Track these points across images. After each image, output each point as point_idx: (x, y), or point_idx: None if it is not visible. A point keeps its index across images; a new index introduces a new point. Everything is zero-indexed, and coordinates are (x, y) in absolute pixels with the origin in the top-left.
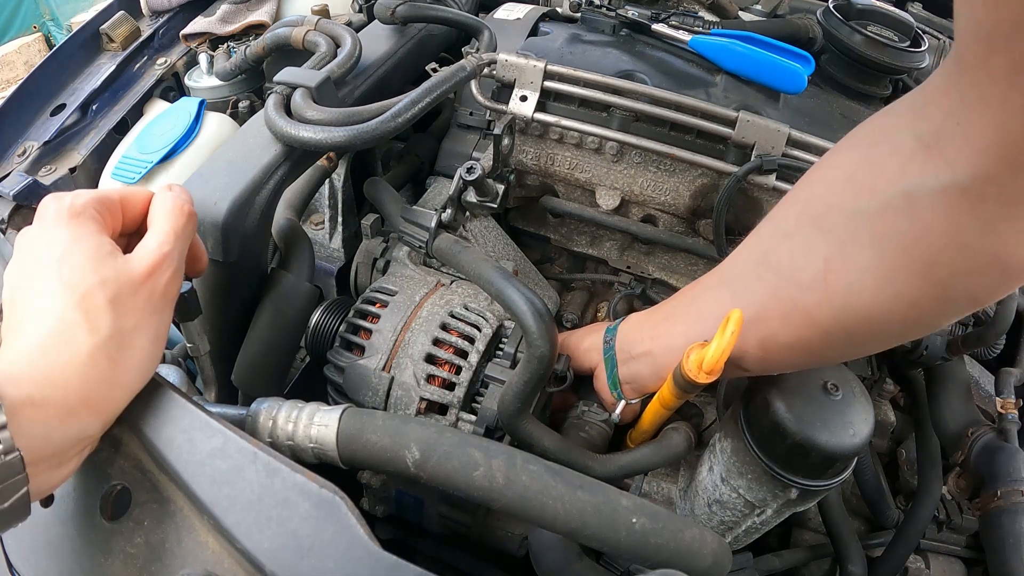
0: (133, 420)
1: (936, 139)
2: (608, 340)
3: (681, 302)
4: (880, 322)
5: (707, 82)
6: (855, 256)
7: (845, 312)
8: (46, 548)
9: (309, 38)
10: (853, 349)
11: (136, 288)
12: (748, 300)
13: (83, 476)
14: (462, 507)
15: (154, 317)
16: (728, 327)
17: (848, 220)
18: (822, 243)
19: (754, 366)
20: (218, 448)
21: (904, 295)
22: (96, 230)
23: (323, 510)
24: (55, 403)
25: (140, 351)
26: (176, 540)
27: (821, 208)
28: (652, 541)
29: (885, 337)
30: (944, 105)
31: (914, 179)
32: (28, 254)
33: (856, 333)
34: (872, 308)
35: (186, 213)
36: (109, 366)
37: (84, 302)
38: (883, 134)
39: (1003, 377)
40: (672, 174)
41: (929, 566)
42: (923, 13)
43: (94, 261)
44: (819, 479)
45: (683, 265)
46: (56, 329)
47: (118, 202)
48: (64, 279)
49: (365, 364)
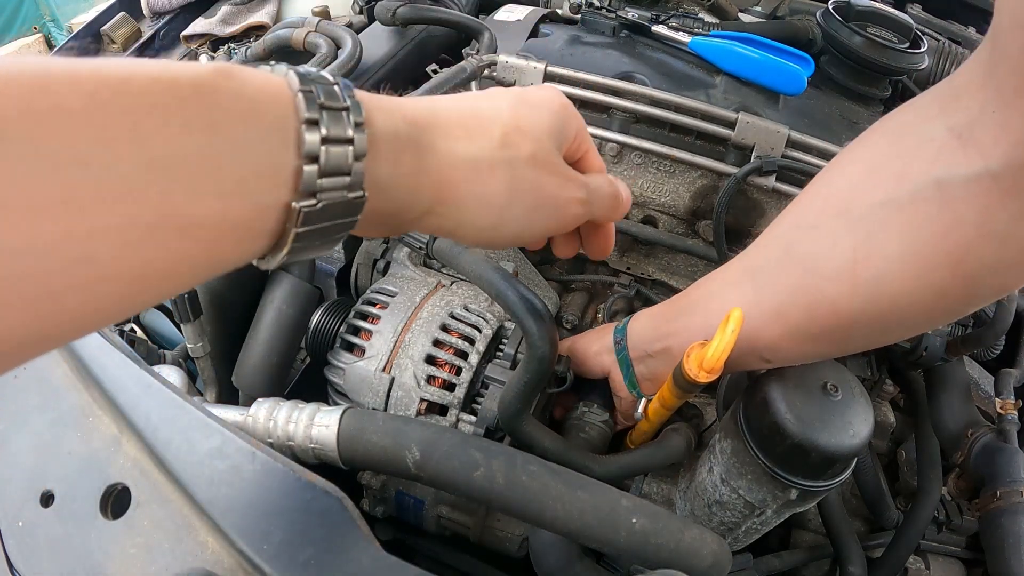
0: (133, 420)
1: (970, 130)
2: (619, 341)
3: (698, 297)
4: (907, 312)
5: (707, 83)
6: (884, 246)
7: (872, 303)
8: (46, 548)
9: (310, 39)
10: (876, 338)
11: (557, 177)
12: (771, 293)
13: (83, 476)
14: (462, 508)
15: (539, 212)
16: (728, 326)
17: (876, 210)
18: (848, 234)
19: (777, 358)
20: (216, 448)
21: (934, 285)
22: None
23: (323, 510)
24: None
25: (518, 209)
26: (176, 540)
27: (846, 199)
28: (652, 541)
29: (910, 326)
30: (979, 96)
31: (945, 168)
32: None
33: (882, 322)
34: (900, 298)
35: (623, 202)
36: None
37: (513, 135)
38: (910, 126)
39: (1002, 378)
40: (672, 175)
41: (929, 567)
42: (922, 15)
43: (551, 133)
44: (819, 480)
45: (683, 266)
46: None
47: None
48: (520, 120)
49: (365, 365)
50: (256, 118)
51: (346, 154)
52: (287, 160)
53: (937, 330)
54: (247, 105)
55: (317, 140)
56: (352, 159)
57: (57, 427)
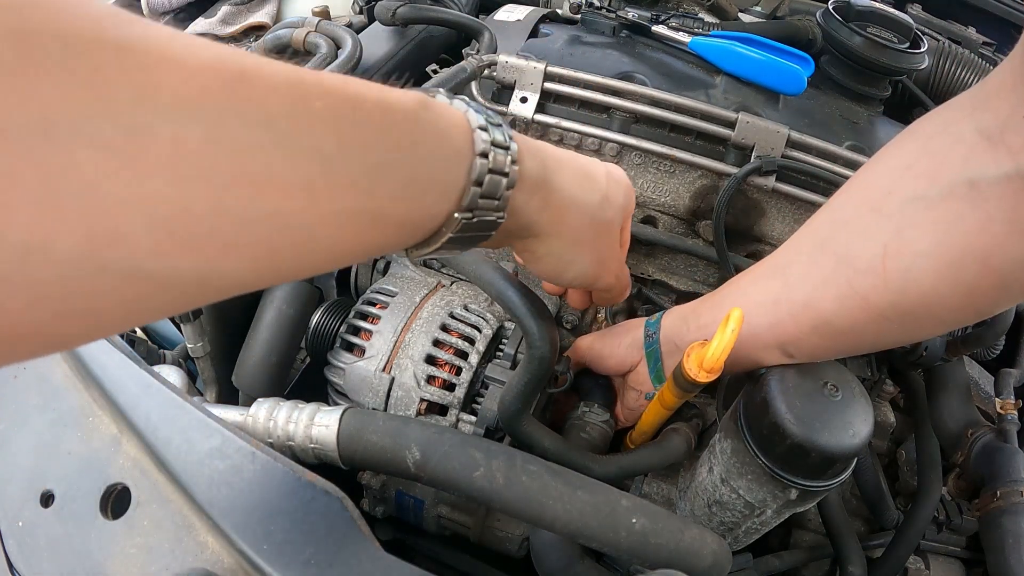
0: (133, 420)
1: (1001, 131)
2: (651, 334)
3: (730, 292)
4: (936, 308)
5: (707, 83)
6: (914, 242)
7: (902, 296)
8: (46, 548)
9: (310, 39)
10: (905, 335)
11: (615, 246)
12: (801, 286)
13: (83, 476)
14: (462, 508)
15: (596, 266)
16: (728, 325)
17: (907, 206)
18: (880, 229)
19: (801, 353)
20: (216, 448)
21: (963, 282)
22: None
23: (323, 510)
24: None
25: (589, 256)
26: (176, 540)
27: (880, 195)
28: (652, 541)
29: (938, 323)
30: (1010, 99)
31: (977, 168)
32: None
33: (911, 318)
34: (930, 294)
35: (626, 294)
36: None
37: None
38: (943, 127)
39: (1002, 378)
40: (672, 175)
41: (929, 567)
42: (922, 15)
43: (623, 208)
44: (819, 480)
45: (683, 266)
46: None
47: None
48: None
49: (365, 365)
50: (443, 145)
51: (501, 183)
52: (459, 180)
53: None
54: (439, 134)
55: (485, 169)
56: (504, 189)
57: (57, 427)
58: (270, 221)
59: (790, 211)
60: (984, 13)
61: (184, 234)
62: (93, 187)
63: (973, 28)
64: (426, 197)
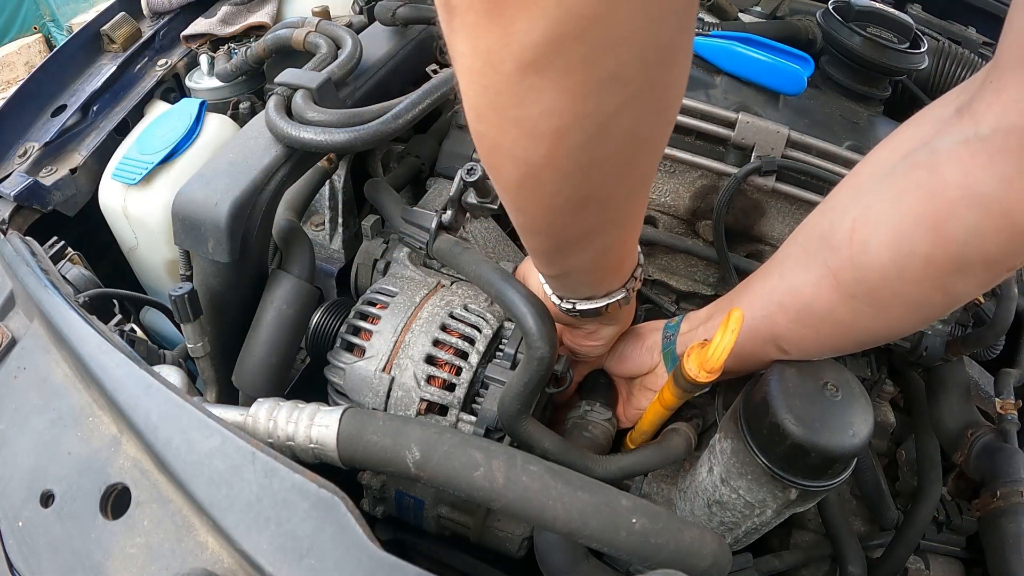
0: (133, 420)
1: (970, 102)
2: (669, 336)
3: (737, 291)
4: (897, 284)
5: (707, 83)
6: (875, 212)
7: (864, 271)
8: (46, 548)
9: (310, 39)
10: (880, 321)
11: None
12: (792, 273)
13: (83, 476)
14: (462, 508)
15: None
16: (728, 326)
17: (878, 182)
18: (853, 205)
19: (795, 347)
20: (216, 448)
21: (918, 252)
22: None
23: (322, 510)
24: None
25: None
26: (175, 540)
27: (863, 176)
28: (652, 541)
29: (908, 306)
30: (983, 74)
31: (940, 137)
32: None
33: (877, 298)
34: (888, 266)
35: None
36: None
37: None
38: (929, 111)
39: (1002, 378)
40: (672, 175)
41: (929, 567)
42: (922, 15)
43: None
44: (819, 480)
45: (683, 266)
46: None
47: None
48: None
49: (365, 365)
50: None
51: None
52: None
53: (937, 329)
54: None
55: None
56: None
57: (57, 427)
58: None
59: (790, 211)
60: (984, 13)
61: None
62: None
63: (973, 28)
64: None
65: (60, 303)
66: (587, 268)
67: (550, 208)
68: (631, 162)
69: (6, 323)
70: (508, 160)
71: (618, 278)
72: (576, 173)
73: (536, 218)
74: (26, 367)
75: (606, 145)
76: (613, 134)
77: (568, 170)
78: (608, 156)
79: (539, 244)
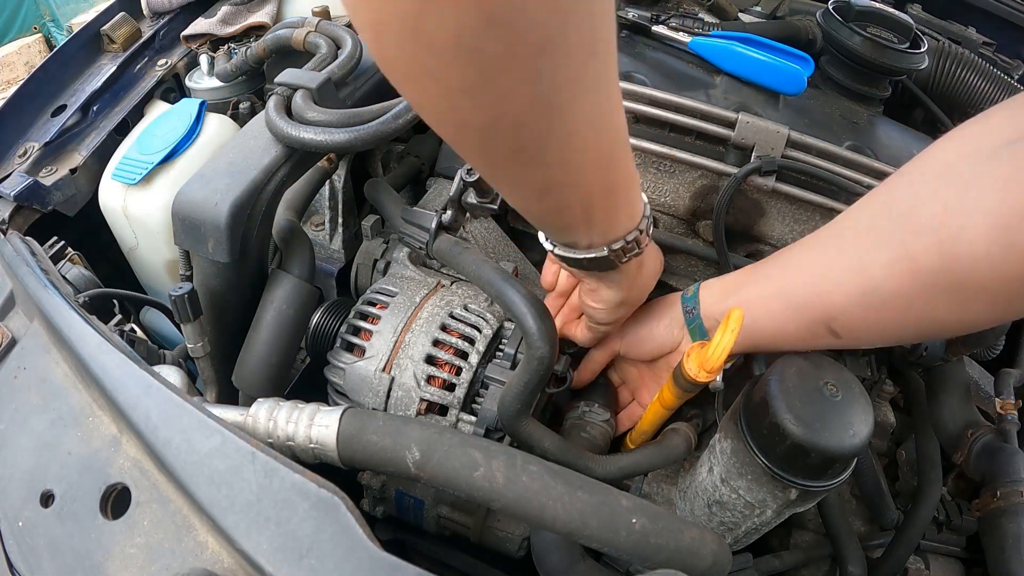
0: (133, 420)
1: None
2: (690, 310)
3: (773, 265)
4: (987, 278)
5: (707, 83)
6: (977, 198)
7: (953, 259)
8: (46, 548)
9: (310, 39)
10: (953, 313)
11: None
12: (854, 250)
13: (83, 476)
14: (462, 508)
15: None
16: (729, 325)
17: (976, 166)
18: (945, 187)
19: (849, 330)
20: (216, 448)
21: (1016, 246)
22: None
23: (322, 510)
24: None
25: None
26: (175, 540)
27: (951, 156)
28: (652, 541)
29: (989, 300)
30: None
31: None
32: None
33: (961, 288)
34: (981, 259)
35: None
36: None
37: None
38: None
39: (1002, 378)
40: (672, 175)
41: (929, 567)
42: (922, 15)
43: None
44: (819, 480)
45: (683, 266)
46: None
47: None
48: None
49: (365, 365)
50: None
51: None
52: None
53: None
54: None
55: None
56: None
57: (57, 427)
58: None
59: (790, 211)
60: (984, 13)
61: None
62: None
63: (973, 28)
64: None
65: (60, 303)
66: (532, 211)
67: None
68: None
69: (6, 323)
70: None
71: (593, 235)
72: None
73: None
74: (26, 367)
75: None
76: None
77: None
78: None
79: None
